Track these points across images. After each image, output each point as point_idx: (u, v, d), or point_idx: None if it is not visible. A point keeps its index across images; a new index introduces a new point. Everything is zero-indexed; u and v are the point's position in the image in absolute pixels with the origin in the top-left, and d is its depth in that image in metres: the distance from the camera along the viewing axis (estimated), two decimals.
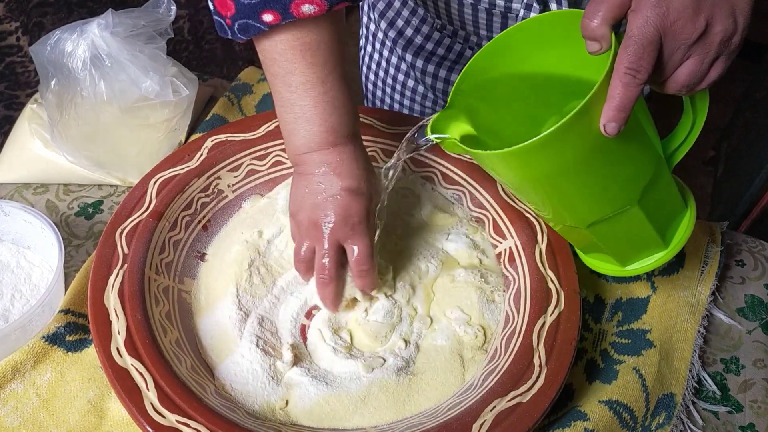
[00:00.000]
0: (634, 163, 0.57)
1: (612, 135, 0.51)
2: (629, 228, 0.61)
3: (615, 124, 0.51)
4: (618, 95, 0.50)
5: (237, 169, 0.76)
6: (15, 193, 0.81)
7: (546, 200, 0.61)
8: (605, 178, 0.57)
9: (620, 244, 0.64)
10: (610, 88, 0.50)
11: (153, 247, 0.67)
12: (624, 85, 0.50)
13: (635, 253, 0.65)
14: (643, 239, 0.63)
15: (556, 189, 0.58)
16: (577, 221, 0.61)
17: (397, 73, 0.96)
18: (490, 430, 0.57)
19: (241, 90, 0.94)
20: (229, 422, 0.56)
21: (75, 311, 0.65)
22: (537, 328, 0.64)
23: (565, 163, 0.54)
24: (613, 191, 0.58)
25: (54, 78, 0.74)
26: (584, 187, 0.57)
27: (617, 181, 0.57)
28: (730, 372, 0.70)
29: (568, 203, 0.60)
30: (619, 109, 0.50)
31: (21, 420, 0.59)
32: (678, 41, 0.50)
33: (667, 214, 0.63)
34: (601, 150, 0.54)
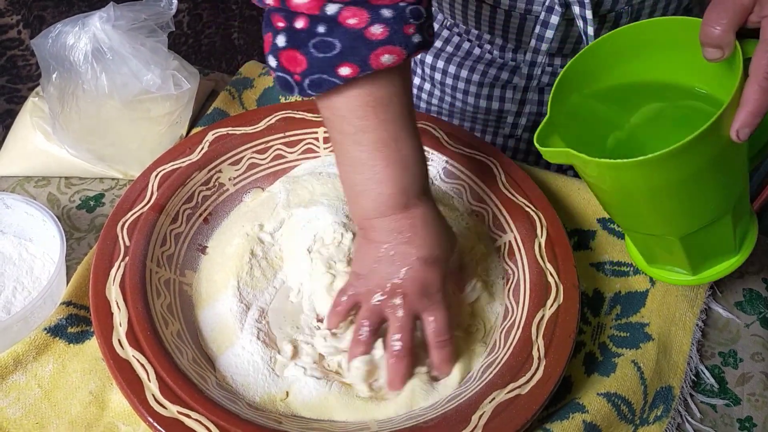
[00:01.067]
0: (741, 169, 0.57)
1: (743, 140, 0.51)
2: (716, 236, 0.61)
3: (748, 130, 0.50)
4: (755, 101, 0.50)
5: (238, 163, 0.77)
6: (16, 186, 0.81)
7: (652, 212, 0.59)
8: (715, 188, 0.56)
9: (702, 253, 0.63)
10: (746, 92, 0.50)
11: (154, 240, 0.68)
12: (763, 90, 0.49)
13: (709, 260, 0.65)
14: (723, 247, 0.63)
15: (668, 199, 0.56)
16: (672, 232, 0.60)
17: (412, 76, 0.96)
18: (489, 421, 0.57)
19: (242, 84, 0.94)
20: (230, 413, 0.56)
21: (76, 303, 0.66)
22: (536, 321, 0.64)
23: (686, 173, 0.53)
24: (717, 200, 0.58)
25: (55, 71, 0.74)
26: (696, 197, 0.57)
27: (724, 190, 0.57)
28: (728, 365, 0.71)
29: (675, 213, 0.58)
30: (754, 114, 0.50)
31: (23, 411, 0.59)
32: None
33: (744, 218, 0.63)
34: (722, 158, 0.54)
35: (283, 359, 0.63)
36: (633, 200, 0.59)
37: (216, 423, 0.55)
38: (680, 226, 0.60)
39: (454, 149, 0.78)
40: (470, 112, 0.94)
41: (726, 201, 0.58)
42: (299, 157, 0.79)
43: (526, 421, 0.58)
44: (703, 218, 0.59)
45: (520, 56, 0.88)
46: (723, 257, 0.65)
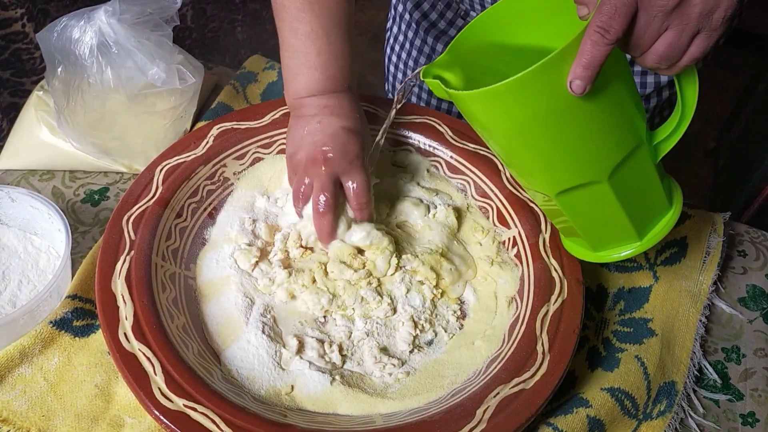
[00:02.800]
0: (606, 134, 0.57)
1: (577, 93, 0.51)
2: (598, 208, 0.61)
3: (580, 82, 0.51)
4: (586, 52, 0.50)
5: (242, 157, 0.77)
6: (21, 179, 0.81)
7: (515, 154, 0.60)
8: (573, 142, 0.57)
9: (590, 224, 0.64)
10: (580, 45, 0.50)
11: (159, 234, 0.68)
12: (593, 43, 0.50)
13: (607, 240, 0.65)
14: (615, 225, 0.63)
15: (523, 142, 0.57)
16: (545, 186, 0.61)
17: (419, 56, 0.96)
18: (494, 415, 0.57)
19: (246, 78, 0.94)
20: (236, 407, 0.56)
21: (82, 297, 0.66)
22: (540, 317, 0.64)
23: (533, 114, 0.54)
24: (580, 159, 0.58)
25: (61, 65, 0.74)
26: (551, 147, 0.57)
27: (585, 150, 0.57)
28: (731, 361, 0.71)
29: (535, 161, 0.59)
30: (585, 66, 0.50)
31: (29, 404, 0.60)
32: (654, 8, 0.50)
33: (644, 204, 0.63)
34: (570, 110, 0.54)
35: (288, 353, 0.63)
36: (496, 140, 0.60)
37: (222, 416, 0.55)
38: (544, 179, 0.60)
39: (458, 144, 0.78)
40: None
41: (593, 164, 0.58)
42: None
43: (530, 416, 0.58)
44: (568, 175, 0.59)
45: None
46: (622, 240, 0.64)
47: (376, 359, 0.64)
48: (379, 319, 0.67)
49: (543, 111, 0.54)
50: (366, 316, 0.67)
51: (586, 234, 0.65)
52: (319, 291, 0.67)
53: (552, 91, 0.52)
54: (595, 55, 0.50)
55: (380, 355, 0.64)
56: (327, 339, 0.65)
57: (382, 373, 0.64)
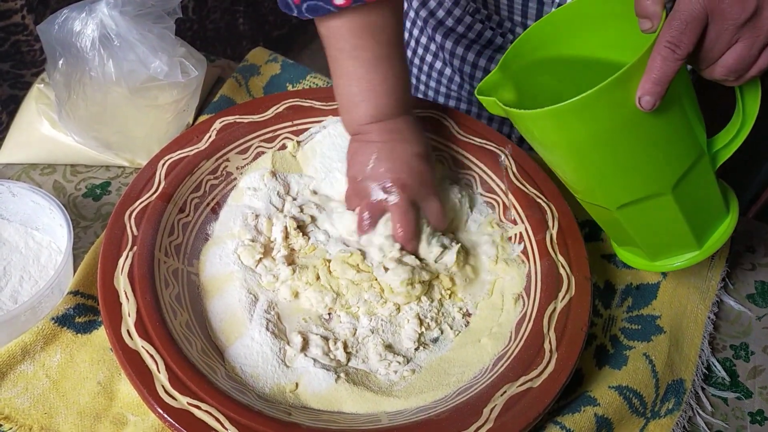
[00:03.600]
0: (671, 147, 0.56)
1: (646, 109, 0.51)
2: (661, 218, 0.61)
3: (650, 98, 0.50)
4: (656, 68, 0.50)
5: (246, 152, 0.76)
6: (22, 173, 0.81)
7: (577, 171, 0.60)
8: (638, 157, 0.56)
9: (650, 235, 0.63)
10: (650, 60, 0.50)
11: (162, 230, 0.67)
12: (662, 59, 0.49)
13: (666, 249, 0.65)
14: (675, 234, 0.62)
15: (587, 159, 0.57)
16: (606, 201, 0.61)
17: (425, 53, 0.95)
18: (501, 414, 0.57)
19: (249, 71, 0.93)
20: (240, 405, 0.56)
21: (84, 293, 0.65)
22: (548, 314, 0.64)
23: (598, 132, 0.54)
24: (645, 173, 0.57)
25: (62, 57, 0.73)
26: (616, 162, 0.57)
27: (651, 163, 0.57)
28: (740, 358, 0.70)
29: (598, 177, 0.59)
30: (655, 82, 0.50)
31: (31, 401, 0.59)
32: (726, 21, 0.49)
33: (704, 213, 0.62)
34: (637, 125, 0.53)
35: (293, 351, 0.62)
36: (556, 157, 0.60)
37: (226, 414, 0.55)
38: (608, 194, 0.60)
39: (464, 139, 0.77)
40: None
41: (657, 177, 0.58)
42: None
43: (538, 415, 0.57)
44: (632, 189, 0.59)
45: None
46: (681, 249, 0.64)
47: (381, 357, 0.63)
48: (384, 317, 0.66)
49: (609, 128, 0.53)
50: (371, 314, 0.66)
51: (646, 244, 0.65)
52: (323, 289, 0.66)
53: (619, 107, 0.52)
54: (665, 71, 0.49)
55: (385, 353, 0.63)
56: (332, 336, 0.64)
57: (387, 370, 0.63)
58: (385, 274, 0.65)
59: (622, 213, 0.61)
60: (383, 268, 0.66)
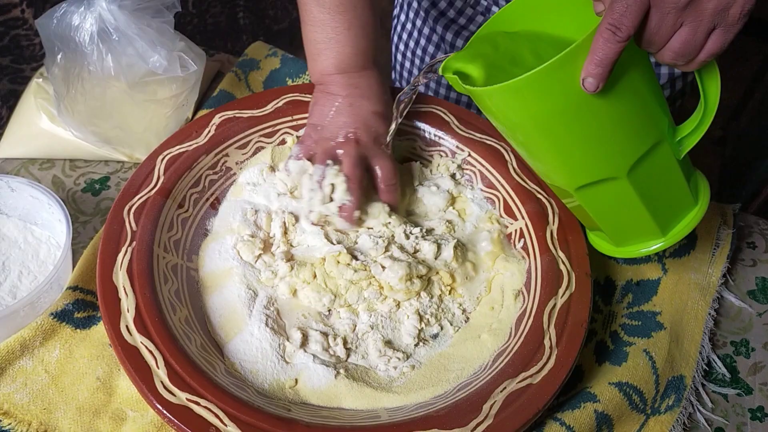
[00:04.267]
0: (624, 130, 0.56)
1: (590, 90, 0.50)
2: (618, 203, 0.60)
3: (593, 80, 0.50)
4: (598, 50, 0.49)
5: (245, 147, 0.76)
6: (21, 168, 0.80)
7: (532, 150, 0.60)
8: (590, 138, 0.56)
9: (611, 220, 0.63)
10: (593, 42, 0.50)
11: (161, 225, 0.67)
12: (604, 41, 0.49)
13: (629, 236, 0.64)
14: (636, 221, 0.62)
15: (540, 138, 0.57)
16: (563, 180, 0.61)
17: (427, 44, 0.95)
18: (501, 410, 0.57)
19: (248, 65, 0.92)
20: (240, 401, 0.56)
21: (83, 288, 0.65)
22: (548, 310, 0.63)
23: (548, 111, 0.54)
24: (598, 155, 0.57)
25: (60, 52, 0.72)
26: (568, 143, 0.57)
27: (603, 145, 0.56)
28: (740, 354, 0.70)
29: (553, 157, 0.59)
30: (597, 63, 0.49)
31: (30, 397, 0.59)
32: (666, 5, 0.49)
33: (666, 200, 0.62)
34: (586, 106, 0.53)
35: (292, 346, 0.62)
36: (512, 136, 0.60)
37: (225, 410, 0.55)
38: (563, 174, 0.60)
39: (464, 134, 0.77)
40: None
41: (611, 160, 0.57)
42: None
43: (538, 411, 0.57)
44: (586, 171, 0.58)
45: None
46: (645, 236, 0.64)
47: (380, 353, 0.63)
48: (383, 313, 0.66)
49: (559, 107, 0.53)
50: (370, 310, 0.66)
51: (608, 229, 0.64)
52: (321, 290, 0.65)
53: (567, 87, 0.52)
54: (606, 53, 0.49)
55: (385, 349, 0.63)
56: (331, 332, 0.64)
57: (386, 366, 0.63)
58: (382, 273, 0.65)
59: (580, 195, 0.61)
60: (380, 266, 0.65)
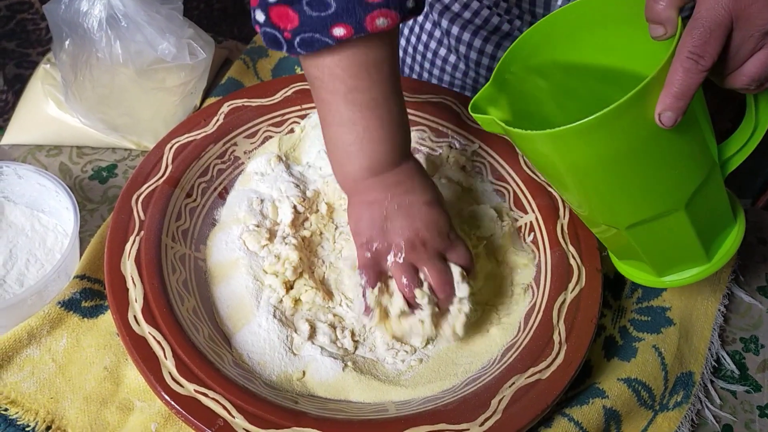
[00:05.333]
0: (686, 163, 0.53)
1: (667, 126, 0.47)
2: (671, 235, 0.57)
3: (671, 114, 0.47)
4: (677, 81, 0.46)
5: (253, 136, 0.75)
6: (28, 155, 0.80)
7: (585, 193, 0.56)
8: (653, 176, 0.53)
9: (659, 251, 0.60)
10: (670, 73, 0.46)
11: (169, 214, 0.66)
12: (685, 71, 0.46)
13: (674, 263, 0.61)
14: (685, 249, 0.59)
15: (598, 181, 0.54)
16: (616, 221, 0.57)
17: (429, 40, 0.93)
18: (509, 406, 0.56)
19: (257, 53, 0.92)
20: (247, 392, 0.55)
21: (91, 277, 0.65)
22: (557, 305, 0.63)
23: (610, 153, 0.50)
24: (659, 191, 0.54)
25: (68, 38, 0.72)
26: (629, 183, 0.53)
27: (665, 181, 0.53)
28: (750, 351, 0.70)
29: (609, 199, 0.56)
30: (677, 96, 0.46)
31: (37, 386, 0.59)
32: (752, 28, 0.46)
33: (714, 224, 0.59)
34: (653, 143, 0.50)
35: (300, 338, 0.62)
36: (562, 179, 0.56)
37: (233, 402, 0.54)
38: (618, 215, 0.57)
39: (474, 126, 0.76)
40: None
41: (671, 195, 0.54)
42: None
43: (546, 407, 0.57)
44: (644, 209, 0.55)
45: None
46: (690, 263, 0.61)
47: (388, 345, 0.63)
48: None
49: (622, 148, 0.50)
50: None
51: (653, 260, 0.61)
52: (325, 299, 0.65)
53: (635, 126, 0.48)
54: (689, 84, 0.46)
55: (393, 342, 0.63)
56: (339, 324, 0.64)
57: (394, 359, 0.62)
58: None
59: (631, 232, 0.57)
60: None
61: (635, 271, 0.65)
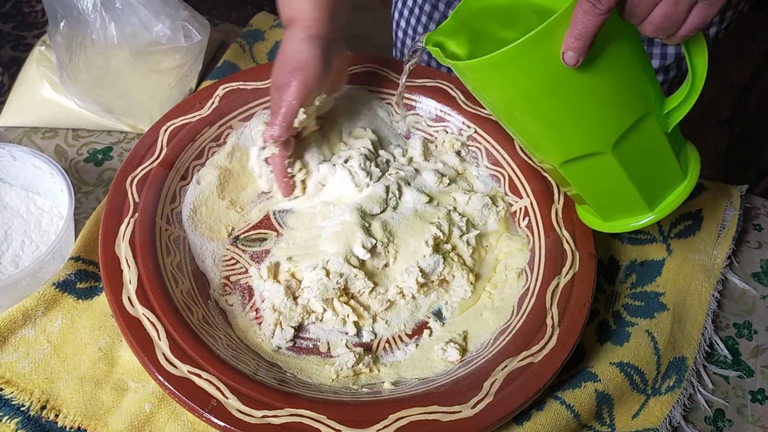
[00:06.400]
0: (608, 104, 0.55)
1: (570, 64, 0.49)
2: (604, 178, 0.59)
3: (573, 54, 0.49)
4: (578, 22, 0.48)
5: (249, 119, 0.75)
6: (23, 137, 0.80)
7: (514, 126, 0.59)
8: (573, 112, 0.55)
9: (597, 194, 0.62)
10: (573, 15, 0.48)
11: (164, 196, 0.66)
12: (584, 13, 0.47)
13: (616, 210, 0.63)
14: (623, 196, 0.61)
15: (520, 115, 0.56)
16: (547, 157, 0.60)
17: (429, 21, 0.93)
18: (501, 388, 0.57)
19: (253, 36, 0.91)
20: (241, 374, 0.56)
21: (85, 259, 0.65)
22: (551, 289, 0.63)
23: (526, 88, 0.53)
24: (582, 129, 0.56)
25: (63, 20, 0.72)
26: (551, 117, 0.55)
27: (587, 120, 0.55)
28: (743, 337, 0.70)
29: (534, 134, 0.58)
30: (577, 37, 0.48)
31: (32, 366, 0.59)
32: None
33: (655, 175, 0.61)
34: (568, 80, 0.52)
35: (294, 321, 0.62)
36: (496, 110, 0.59)
37: (226, 383, 0.55)
38: (548, 149, 0.59)
39: (471, 110, 0.76)
40: None
41: (595, 135, 0.56)
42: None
43: (538, 390, 0.57)
44: (570, 146, 0.57)
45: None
46: (632, 211, 0.63)
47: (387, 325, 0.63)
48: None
49: (540, 81, 0.52)
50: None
51: (595, 204, 0.64)
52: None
53: (548, 61, 0.50)
54: (587, 25, 0.48)
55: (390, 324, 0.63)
56: None
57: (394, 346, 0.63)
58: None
59: (565, 170, 0.60)
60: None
61: (588, 216, 0.67)
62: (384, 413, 0.54)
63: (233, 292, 0.65)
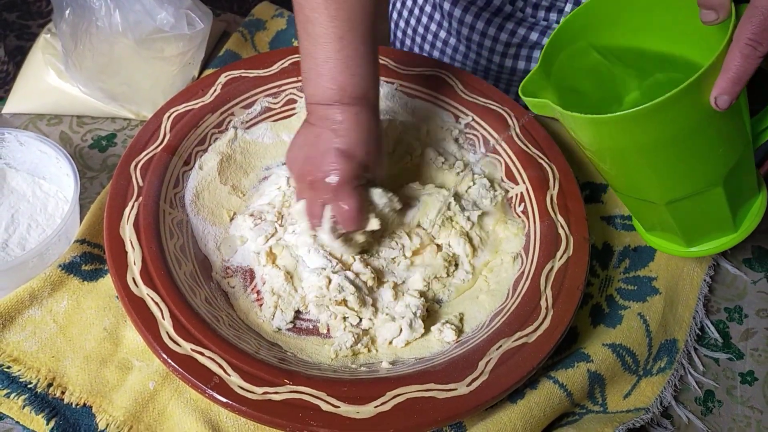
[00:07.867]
0: (728, 141, 0.55)
1: (723, 109, 0.49)
2: (707, 208, 0.59)
3: (727, 98, 0.48)
4: (735, 67, 0.47)
5: (250, 106, 0.76)
6: (29, 123, 0.81)
7: (631, 172, 0.58)
8: (699, 156, 0.55)
9: (694, 224, 0.62)
10: (728, 59, 0.48)
11: (167, 181, 0.68)
12: (743, 57, 0.47)
13: (704, 234, 0.64)
14: (717, 221, 0.62)
15: (646, 162, 0.56)
16: (657, 197, 0.59)
17: (429, 22, 0.93)
18: (496, 367, 0.58)
19: (255, 26, 0.92)
20: (243, 352, 0.57)
21: (90, 242, 0.66)
22: (545, 272, 0.65)
23: (663, 136, 0.52)
24: (703, 169, 0.56)
25: (68, 7, 0.73)
26: (676, 163, 0.55)
27: (710, 160, 0.55)
28: (733, 321, 0.72)
29: (655, 177, 0.58)
30: (734, 81, 0.48)
31: (38, 345, 0.60)
32: None
33: (743, 195, 0.61)
34: (705, 125, 0.52)
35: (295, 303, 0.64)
36: (611, 159, 0.58)
37: (228, 361, 0.56)
38: (660, 192, 0.59)
39: (468, 98, 0.77)
40: (494, 71, 0.93)
41: (713, 172, 0.56)
42: None
43: (532, 369, 0.58)
44: (686, 186, 0.58)
45: (552, 15, 0.86)
46: (719, 233, 0.63)
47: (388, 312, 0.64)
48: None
49: (675, 131, 0.52)
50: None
51: (686, 232, 0.63)
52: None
53: (690, 109, 0.50)
54: (746, 70, 0.47)
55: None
56: None
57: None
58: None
59: (670, 207, 0.60)
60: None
61: (662, 242, 0.67)
62: (382, 390, 0.56)
63: (235, 274, 0.66)
